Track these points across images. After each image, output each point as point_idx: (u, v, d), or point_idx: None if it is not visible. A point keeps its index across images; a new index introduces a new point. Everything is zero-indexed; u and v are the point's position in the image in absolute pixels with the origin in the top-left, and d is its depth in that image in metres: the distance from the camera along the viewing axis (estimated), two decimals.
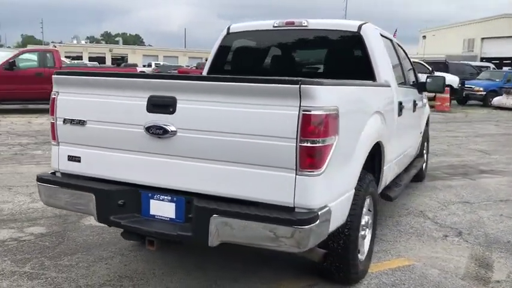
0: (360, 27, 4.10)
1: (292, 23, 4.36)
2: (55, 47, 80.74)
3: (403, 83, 4.86)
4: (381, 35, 4.47)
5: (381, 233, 4.53)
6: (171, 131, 2.71)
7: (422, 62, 20.83)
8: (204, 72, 4.76)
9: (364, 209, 3.47)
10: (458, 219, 5.05)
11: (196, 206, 2.65)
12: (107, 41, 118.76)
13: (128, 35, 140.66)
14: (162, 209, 2.85)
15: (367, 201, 3.50)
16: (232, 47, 4.68)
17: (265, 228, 2.48)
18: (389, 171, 4.10)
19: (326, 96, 2.52)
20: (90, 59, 75.06)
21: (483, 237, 4.54)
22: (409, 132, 5.00)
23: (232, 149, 2.59)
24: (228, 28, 4.68)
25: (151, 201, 2.89)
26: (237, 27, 4.68)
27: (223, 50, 4.69)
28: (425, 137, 6.70)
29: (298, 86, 2.40)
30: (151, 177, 2.85)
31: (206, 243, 2.63)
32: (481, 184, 6.71)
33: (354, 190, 3.06)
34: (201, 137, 2.65)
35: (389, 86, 4.01)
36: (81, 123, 3.01)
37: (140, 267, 3.65)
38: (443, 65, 24.34)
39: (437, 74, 18.26)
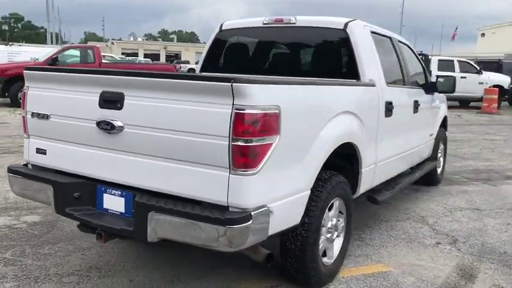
0: (346, 24, 3.98)
1: (281, 20, 4.30)
2: (112, 44, 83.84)
3: (402, 82, 4.68)
4: (374, 33, 4.32)
5: (369, 237, 4.40)
6: (118, 126, 2.75)
7: (469, 61, 19.93)
8: (198, 69, 4.79)
9: (332, 211, 3.38)
10: (459, 227, 4.81)
11: (136, 202, 2.68)
12: (164, 38, 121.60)
13: (184, 32, 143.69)
14: (114, 203, 2.90)
15: (336, 203, 3.41)
16: (224, 43, 4.68)
17: (197, 226, 2.47)
18: (371, 174, 3.96)
19: (263, 95, 2.47)
20: (146, 56, 77.33)
21: (479, 246, 4.30)
22: (408, 133, 4.80)
23: (170, 146, 2.59)
24: (221, 25, 4.68)
25: (105, 195, 2.95)
26: (229, 24, 4.67)
27: (215, 46, 4.70)
28: (441, 140, 6.42)
29: (230, 84, 2.36)
30: (103, 171, 2.91)
31: (146, 239, 2.65)
32: (501, 191, 6.35)
33: (309, 191, 2.98)
34: (144, 133, 2.68)
35: (373, 86, 3.87)
36: (46, 117, 3.11)
37: (113, 259, 3.73)
38: (496, 65, 23.18)
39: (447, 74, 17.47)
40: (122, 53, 72.22)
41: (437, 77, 5.59)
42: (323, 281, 3.36)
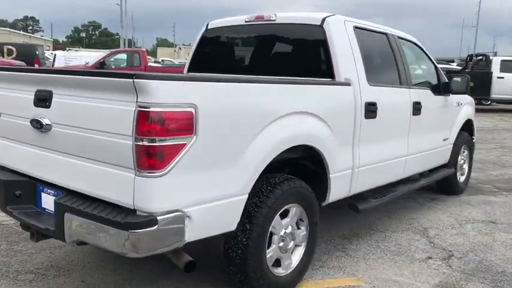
0: (323, 20, 3.73)
1: (262, 18, 4.12)
2: (180, 49, 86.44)
3: (397, 82, 4.34)
4: (362, 29, 4.03)
5: (355, 248, 4.10)
6: (46, 124, 2.72)
7: None
8: (185, 68, 4.71)
9: (288, 219, 3.16)
10: (463, 241, 4.37)
11: (56, 202, 2.63)
12: None
13: None
14: (48, 202, 2.87)
15: (293, 210, 3.18)
16: (210, 42, 4.56)
17: (104, 230, 2.37)
18: (347, 180, 3.67)
19: (172, 92, 2.33)
20: None
21: (475, 263, 3.87)
22: (406, 137, 4.43)
23: (85, 145, 2.52)
24: (207, 24, 4.57)
25: (42, 194, 2.93)
26: (215, 23, 4.55)
27: (202, 45, 4.60)
28: (463, 145, 5.91)
29: (132, 80, 2.24)
30: (38, 170, 2.89)
31: (64, 240, 2.59)
32: None
33: (246, 196, 2.78)
34: (66, 131, 2.63)
35: (347, 85, 3.59)
36: None
37: (77, 259, 3.72)
38: None
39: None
40: None
41: (451, 76, 5.15)
42: None
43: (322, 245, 4.14)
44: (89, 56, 17.28)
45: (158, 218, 2.33)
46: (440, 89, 5.12)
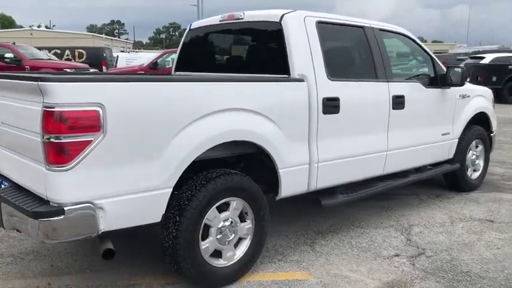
0: (281, 17, 3.77)
1: (232, 17, 4.22)
2: None
3: (373, 76, 4.25)
4: (330, 24, 4.02)
5: (324, 243, 4.11)
6: None
7: None
8: (173, 67, 4.92)
9: (227, 212, 3.27)
10: (444, 239, 4.21)
11: None
12: None
13: None
14: None
15: (233, 203, 3.29)
16: (192, 42, 4.74)
17: (23, 219, 2.64)
18: (303, 175, 3.69)
19: (76, 92, 2.53)
20: None
21: (442, 262, 3.74)
22: (386, 131, 4.33)
23: (15, 140, 2.82)
24: (190, 25, 4.75)
25: None
26: (197, 23, 4.71)
27: (186, 45, 4.78)
28: (476, 139, 5.63)
29: (37, 83, 2.48)
30: None
31: (4, 228, 2.90)
32: None
33: (170, 189, 2.93)
34: (4, 128, 2.95)
35: (300, 81, 3.61)
36: None
37: (57, 246, 4.05)
38: None
39: None
40: None
41: (448, 68, 4.93)
42: (215, 283, 3.27)
43: (293, 239, 4.19)
44: (148, 57, 18.11)
45: (65, 208, 2.55)
46: (438, 81, 4.93)
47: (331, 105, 3.78)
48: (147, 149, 2.81)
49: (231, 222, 3.31)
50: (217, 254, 3.29)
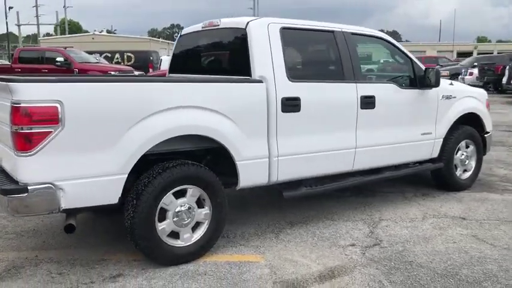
0: (247, 24, 4.15)
1: (212, 24, 4.65)
2: None
3: (340, 77, 4.52)
4: (296, 29, 4.36)
5: (288, 232, 4.44)
6: None
7: None
8: (167, 70, 5.41)
9: (184, 198, 3.68)
10: (405, 233, 4.42)
11: None
12: None
13: (385, 31, 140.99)
14: None
15: (190, 190, 3.70)
16: (181, 47, 5.20)
17: None
18: (262, 167, 4.04)
19: (38, 91, 3.05)
20: None
21: (391, 253, 3.97)
22: (354, 130, 4.58)
23: (1, 132, 3.37)
24: (181, 31, 5.22)
25: None
26: (186, 29, 5.17)
27: (177, 50, 5.25)
28: (464, 141, 5.71)
29: (6, 83, 3.02)
30: None
31: None
32: None
33: (125, 175, 3.39)
34: None
35: (258, 82, 3.97)
36: None
37: (56, 225, 4.63)
38: None
39: None
40: None
41: (426, 69, 5.10)
42: (172, 260, 3.69)
43: (263, 228, 4.55)
44: None
45: (29, 187, 3.07)
46: (417, 82, 5.12)
47: (290, 105, 4.11)
48: (101, 140, 3.28)
49: (189, 207, 3.72)
50: (175, 235, 3.71)
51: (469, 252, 3.98)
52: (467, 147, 5.84)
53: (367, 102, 4.64)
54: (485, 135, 6.05)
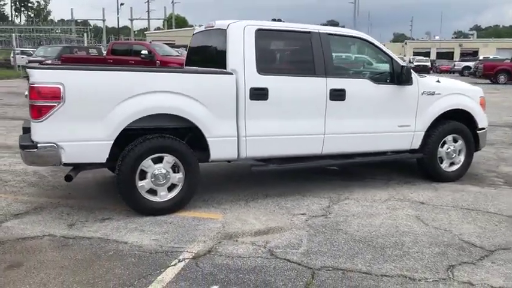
0: (228, 25, 5.07)
1: (209, 25, 5.62)
2: (406, 43, 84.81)
3: (311, 72, 5.25)
4: (271, 30, 5.19)
5: (259, 201, 5.26)
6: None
7: None
8: (184, 63, 6.47)
9: (161, 164, 4.70)
10: (357, 210, 5.04)
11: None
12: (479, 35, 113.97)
13: (501, 27, 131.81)
14: None
15: (166, 158, 4.71)
16: (192, 44, 6.22)
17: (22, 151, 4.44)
18: (231, 145, 4.92)
19: (45, 76, 4.24)
20: (438, 55, 75.44)
21: (331, 222, 4.66)
22: (323, 118, 5.27)
23: None
24: (195, 30, 6.23)
25: None
26: (196, 29, 6.19)
27: (190, 46, 6.29)
28: (450, 135, 6.11)
29: (28, 70, 4.25)
30: None
31: None
32: (505, 194, 5.67)
33: (111, 141, 4.47)
34: None
35: (229, 74, 4.87)
36: None
37: (84, 187, 5.91)
38: None
39: None
40: (414, 53, 72.67)
41: (401, 67, 5.62)
42: (151, 212, 4.73)
43: (240, 197, 5.43)
44: None
45: (38, 145, 4.28)
46: (395, 79, 5.67)
47: (258, 94, 4.96)
48: (93, 114, 4.40)
49: (165, 171, 4.74)
50: (153, 192, 4.75)
51: (399, 227, 4.55)
52: (455, 141, 6.20)
53: (337, 94, 5.32)
54: (478, 132, 6.35)
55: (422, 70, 48.14)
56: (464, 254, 3.97)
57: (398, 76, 5.63)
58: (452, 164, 6.27)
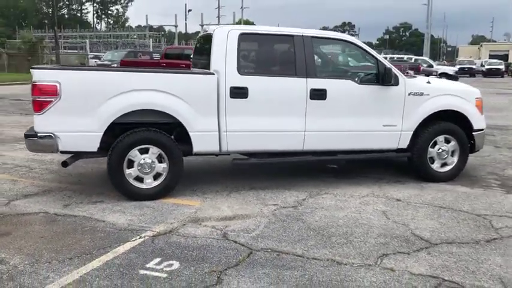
0: (214, 30, 5.55)
1: (205, 30, 6.13)
2: (481, 46, 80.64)
3: (292, 73, 5.59)
4: (255, 34, 5.62)
5: (242, 192, 5.68)
6: None
7: None
8: (191, 64, 7.02)
9: (147, 154, 5.26)
10: (328, 203, 5.31)
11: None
12: None
13: None
14: None
15: (151, 149, 5.27)
16: (196, 46, 6.76)
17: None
18: (212, 139, 5.38)
19: (44, 75, 4.94)
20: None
21: (296, 212, 4.98)
22: (303, 116, 5.60)
23: None
24: (200, 33, 6.77)
25: None
26: (200, 34, 6.71)
27: (195, 47, 6.84)
28: (441, 135, 6.18)
29: (30, 70, 4.98)
30: None
31: None
32: (490, 195, 5.67)
33: (101, 133, 5.09)
34: None
35: (211, 74, 5.35)
36: None
37: (94, 177, 6.61)
38: None
39: None
40: (490, 56, 69.10)
41: (385, 68, 5.80)
42: (138, 197, 5.29)
43: (227, 188, 5.87)
44: None
45: (38, 134, 4.98)
46: (380, 80, 5.87)
47: (238, 92, 5.39)
48: (85, 108, 5.04)
49: (151, 161, 5.29)
50: (140, 179, 5.32)
51: (359, 220, 4.78)
52: (447, 142, 6.25)
53: (318, 94, 5.62)
54: (474, 133, 6.35)
55: (494, 74, 46.16)
56: (405, 245, 4.16)
57: (383, 77, 5.82)
58: (445, 164, 6.31)
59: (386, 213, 5.00)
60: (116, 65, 21.80)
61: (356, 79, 5.85)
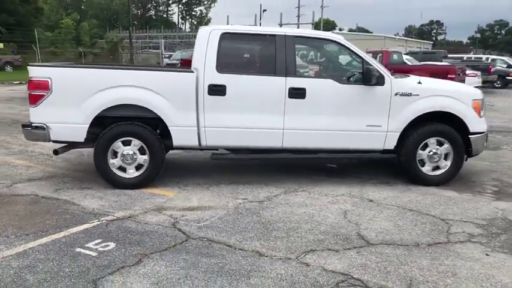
0: (199, 29, 5.85)
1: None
2: None
3: (272, 72, 5.73)
4: (238, 34, 5.84)
5: (221, 186, 5.92)
6: None
7: None
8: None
9: (129, 146, 5.68)
10: (298, 200, 5.39)
11: None
12: None
13: None
14: None
15: (134, 142, 5.68)
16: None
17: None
18: (191, 134, 5.67)
19: (38, 72, 5.51)
20: None
21: (254, 206, 5.13)
22: (277, 113, 5.73)
23: None
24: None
25: None
26: None
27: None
28: (432, 137, 6.00)
29: (27, 67, 5.58)
30: None
31: None
32: (473, 201, 5.44)
33: (87, 125, 5.57)
34: None
35: (191, 72, 5.65)
36: None
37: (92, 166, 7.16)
38: None
39: None
40: None
41: (368, 68, 5.75)
42: (121, 186, 5.72)
43: (209, 182, 6.12)
44: None
45: (32, 125, 5.57)
46: (364, 79, 5.84)
47: (216, 90, 5.64)
48: (73, 102, 5.54)
49: (133, 152, 5.70)
50: (123, 169, 5.75)
51: (314, 217, 4.84)
52: (440, 144, 6.05)
53: (297, 93, 5.70)
54: (470, 136, 6.08)
55: None
56: (341, 243, 4.18)
57: (365, 77, 5.77)
58: (437, 168, 6.11)
59: (347, 213, 5.00)
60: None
61: (339, 78, 5.86)
